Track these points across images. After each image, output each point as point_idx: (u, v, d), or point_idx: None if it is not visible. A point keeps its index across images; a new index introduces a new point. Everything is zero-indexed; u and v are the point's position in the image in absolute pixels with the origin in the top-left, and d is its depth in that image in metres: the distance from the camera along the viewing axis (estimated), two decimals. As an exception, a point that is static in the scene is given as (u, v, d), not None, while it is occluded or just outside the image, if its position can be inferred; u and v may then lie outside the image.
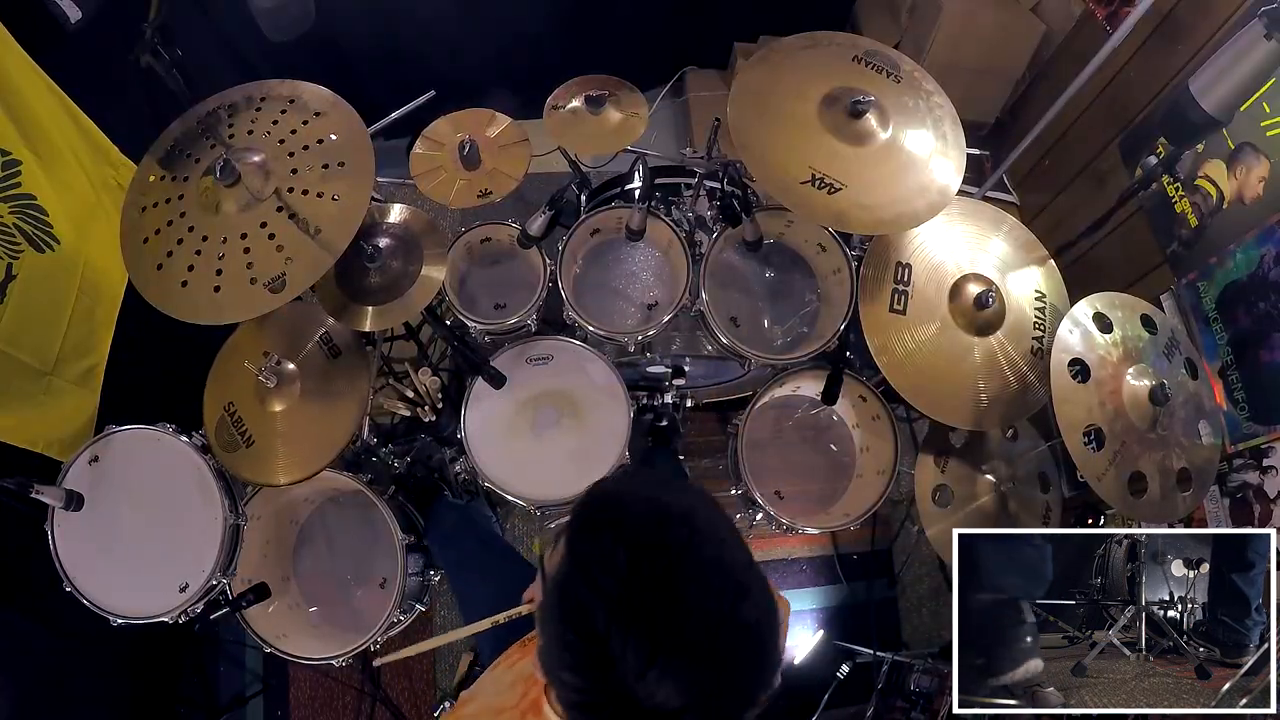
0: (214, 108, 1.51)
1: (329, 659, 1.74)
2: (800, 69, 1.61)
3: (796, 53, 1.64)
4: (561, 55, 2.44)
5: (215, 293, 1.36)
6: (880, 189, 1.53)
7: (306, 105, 1.51)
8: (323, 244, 1.38)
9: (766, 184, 1.52)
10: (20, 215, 1.64)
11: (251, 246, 1.38)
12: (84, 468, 1.65)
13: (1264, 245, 1.89)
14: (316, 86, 1.54)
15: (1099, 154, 2.53)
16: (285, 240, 1.38)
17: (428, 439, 2.16)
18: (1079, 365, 1.55)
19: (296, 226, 1.39)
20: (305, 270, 1.37)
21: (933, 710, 2.10)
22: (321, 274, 1.38)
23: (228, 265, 1.37)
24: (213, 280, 1.36)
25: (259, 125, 1.48)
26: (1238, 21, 1.98)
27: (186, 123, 1.51)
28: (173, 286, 1.36)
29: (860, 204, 1.50)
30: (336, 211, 1.41)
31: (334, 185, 1.42)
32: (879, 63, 1.63)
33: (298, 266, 1.36)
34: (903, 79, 1.62)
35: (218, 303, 1.35)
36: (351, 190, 1.42)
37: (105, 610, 1.60)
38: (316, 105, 1.51)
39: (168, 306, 1.36)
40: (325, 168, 1.43)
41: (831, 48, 1.65)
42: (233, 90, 1.54)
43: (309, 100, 1.52)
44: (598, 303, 1.94)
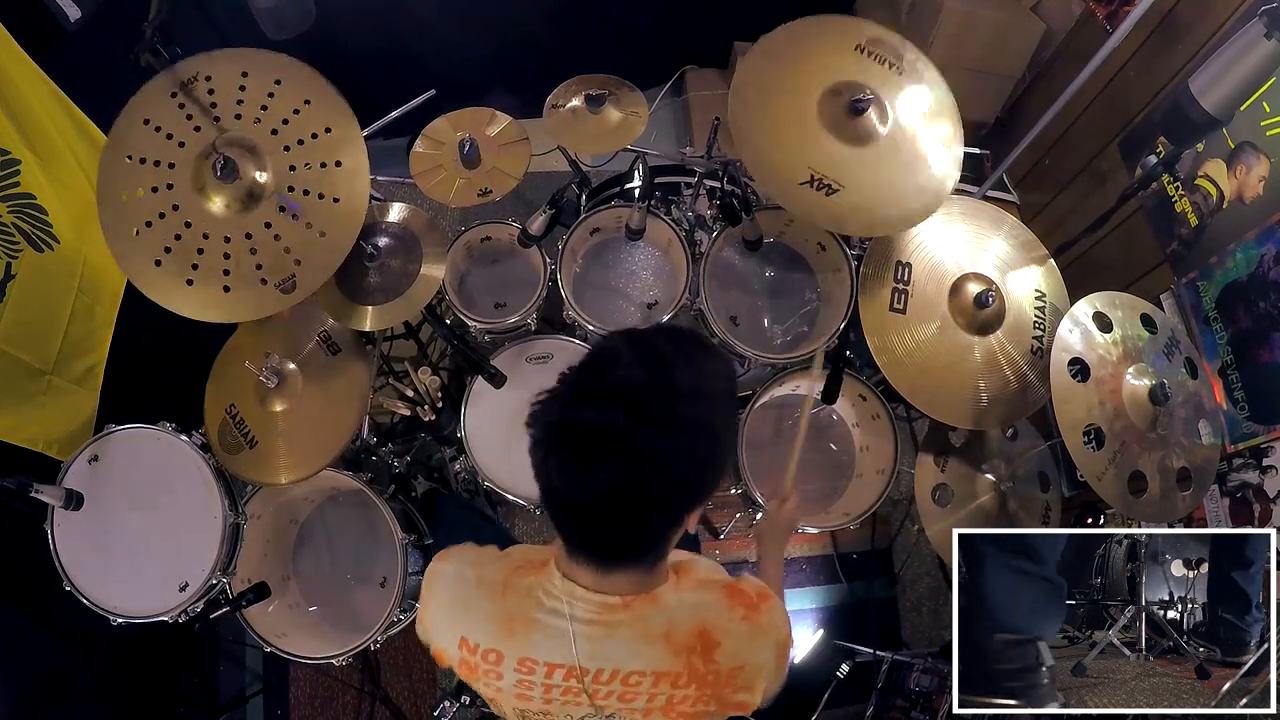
0: (193, 76, 1.43)
1: (329, 658, 1.74)
2: (801, 61, 1.60)
3: (800, 40, 1.62)
4: (561, 55, 2.44)
5: (225, 292, 1.37)
6: (878, 190, 1.53)
7: (294, 90, 1.46)
8: (329, 245, 1.40)
9: (765, 184, 1.52)
10: (19, 214, 1.64)
11: (259, 248, 1.39)
12: (84, 467, 1.65)
13: (1264, 245, 1.89)
14: (301, 65, 1.47)
15: (1099, 154, 2.53)
16: (292, 242, 1.39)
17: (428, 439, 2.16)
18: (1079, 365, 1.55)
19: (303, 229, 1.39)
20: (314, 271, 1.39)
21: (933, 710, 2.10)
22: (330, 274, 1.39)
23: (235, 266, 1.37)
24: (221, 280, 1.37)
25: (246, 109, 1.43)
26: (1238, 21, 1.98)
27: (157, 92, 1.42)
28: (177, 284, 1.37)
29: (858, 205, 1.50)
30: (339, 212, 1.41)
31: (334, 186, 1.42)
32: (881, 53, 1.61)
33: (307, 269, 1.38)
34: (905, 70, 1.61)
35: (228, 302, 1.37)
36: (350, 192, 1.43)
37: (105, 610, 1.61)
38: (305, 92, 1.46)
39: (173, 303, 1.37)
40: (323, 166, 1.43)
41: (833, 36, 1.63)
42: (209, 56, 1.44)
43: (296, 83, 1.46)
44: (597, 302, 1.94)
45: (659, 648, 0.91)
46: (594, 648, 0.91)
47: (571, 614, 0.90)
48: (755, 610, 0.97)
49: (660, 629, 0.91)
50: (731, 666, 0.93)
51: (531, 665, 0.93)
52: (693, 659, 0.92)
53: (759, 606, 0.97)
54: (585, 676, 0.92)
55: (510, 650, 0.93)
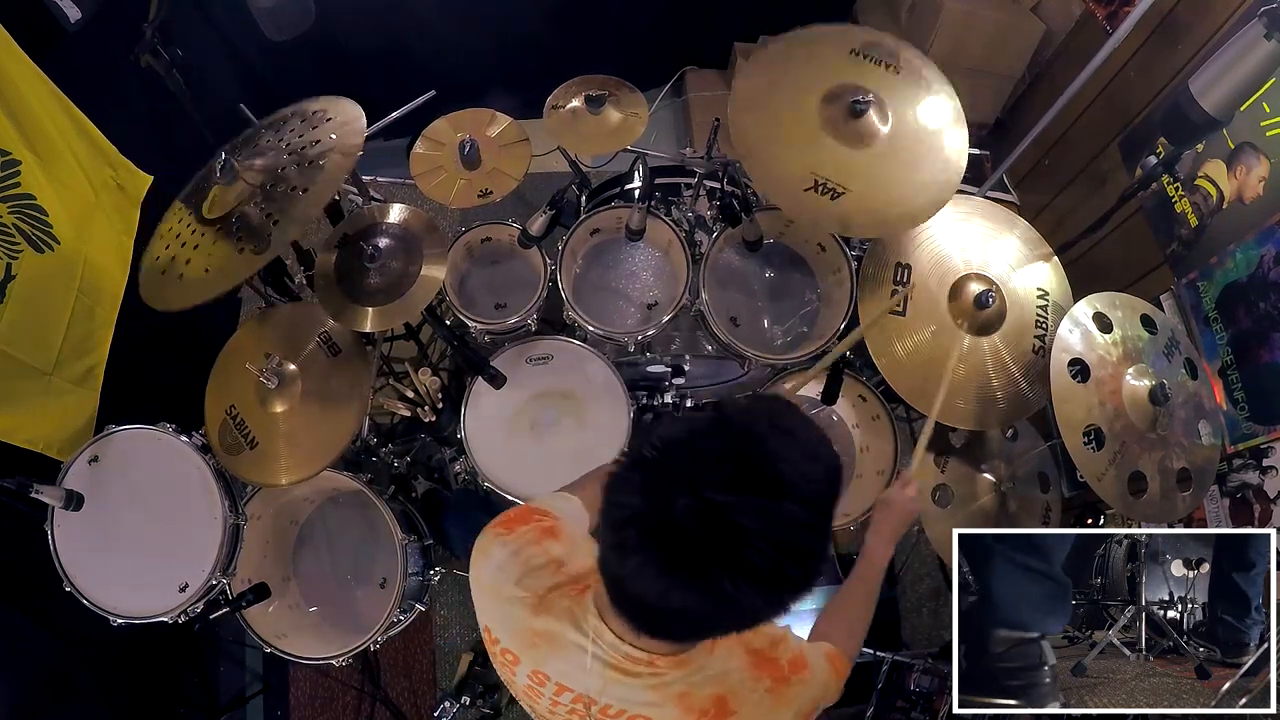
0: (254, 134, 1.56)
1: (329, 659, 1.74)
2: (798, 70, 1.61)
3: (795, 49, 1.63)
4: (561, 55, 2.44)
5: (205, 274, 1.38)
6: (882, 190, 1.53)
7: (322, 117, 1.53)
8: (307, 200, 1.41)
9: (770, 191, 1.52)
10: (20, 215, 1.64)
11: (239, 224, 1.40)
12: (84, 467, 1.65)
13: (1264, 245, 1.89)
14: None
15: (1099, 154, 2.53)
16: (272, 207, 1.40)
17: (428, 439, 2.16)
18: (1079, 365, 1.55)
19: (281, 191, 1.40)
20: (290, 227, 1.39)
21: (933, 710, 2.10)
22: (304, 228, 1.41)
23: (215, 246, 1.39)
24: (204, 264, 1.39)
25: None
26: (1238, 21, 1.98)
27: None
28: (170, 281, 1.39)
29: (863, 207, 1.51)
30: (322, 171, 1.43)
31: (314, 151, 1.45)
32: (878, 55, 1.62)
33: (283, 226, 1.39)
34: (902, 69, 1.62)
35: (205, 281, 1.38)
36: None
37: (105, 610, 1.61)
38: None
39: (173, 302, 1.38)
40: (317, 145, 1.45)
41: (829, 42, 1.64)
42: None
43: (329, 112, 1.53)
44: (598, 302, 1.94)
45: (671, 706, 0.89)
46: (608, 686, 0.89)
47: (595, 652, 0.88)
48: (783, 683, 0.94)
49: (678, 690, 0.89)
50: None
51: (543, 679, 0.92)
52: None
53: (788, 679, 0.94)
54: (593, 706, 0.91)
55: (527, 661, 0.93)
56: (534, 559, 0.96)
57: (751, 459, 0.71)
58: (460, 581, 2.42)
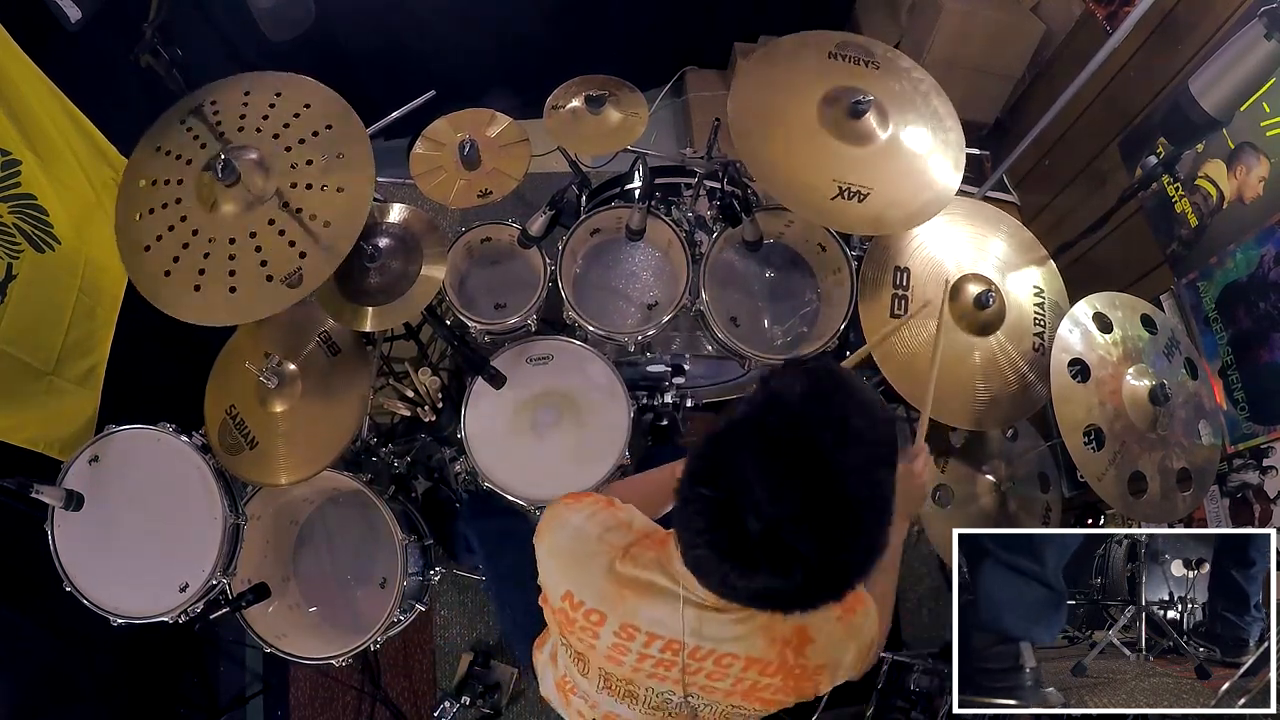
0: (200, 104, 1.50)
1: (329, 659, 1.74)
2: (789, 79, 1.62)
3: (780, 62, 1.64)
4: (561, 55, 2.44)
5: (231, 293, 1.37)
6: (901, 181, 1.54)
7: (294, 98, 1.51)
8: (335, 235, 1.40)
9: (799, 209, 1.53)
10: (20, 215, 1.64)
11: (263, 245, 1.39)
12: (84, 467, 1.65)
13: (1264, 245, 1.89)
14: (300, 76, 1.54)
15: (1099, 154, 2.53)
16: (296, 235, 1.39)
17: (428, 439, 2.16)
18: (1079, 365, 1.55)
19: (305, 222, 1.40)
20: (320, 262, 1.39)
21: (933, 710, 2.10)
22: (337, 265, 1.39)
23: (240, 265, 1.38)
24: (227, 281, 1.37)
25: (249, 120, 1.48)
26: (1238, 21, 1.98)
27: (169, 122, 1.50)
28: (184, 292, 1.37)
29: (891, 202, 1.51)
30: (343, 202, 1.42)
31: (336, 177, 1.43)
32: (853, 54, 1.64)
33: (312, 260, 1.38)
34: (881, 65, 1.63)
35: (235, 302, 1.37)
36: (354, 181, 1.43)
37: (105, 610, 1.60)
38: (305, 97, 1.51)
39: (181, 312, 1.37)
40: (325, 158, 1.44)
41: (808, 48, 1.66)
42: (215, 85, 1.53)
43: (295, 92, 1.52)
44: (598, 302, 1.94)
45: (758, 637, 0.95)
46: (699, 625, 0.94)
47: (685, 595, 0.93)
48: (851, 612, 1.01)
49: (764, 619, 0.94)
50: (818, 664, 0.98)
51: (633, 632, 0.96)
52: (785, 651, 0.96)
53: (855, 609, 1.01)
54: (683, 651, 0.95)
55: (615, 615, 0.96)
56: (608, 520, 1.02)
57: (817, 481, 0.76)
58: (460, 581, 2.42)
